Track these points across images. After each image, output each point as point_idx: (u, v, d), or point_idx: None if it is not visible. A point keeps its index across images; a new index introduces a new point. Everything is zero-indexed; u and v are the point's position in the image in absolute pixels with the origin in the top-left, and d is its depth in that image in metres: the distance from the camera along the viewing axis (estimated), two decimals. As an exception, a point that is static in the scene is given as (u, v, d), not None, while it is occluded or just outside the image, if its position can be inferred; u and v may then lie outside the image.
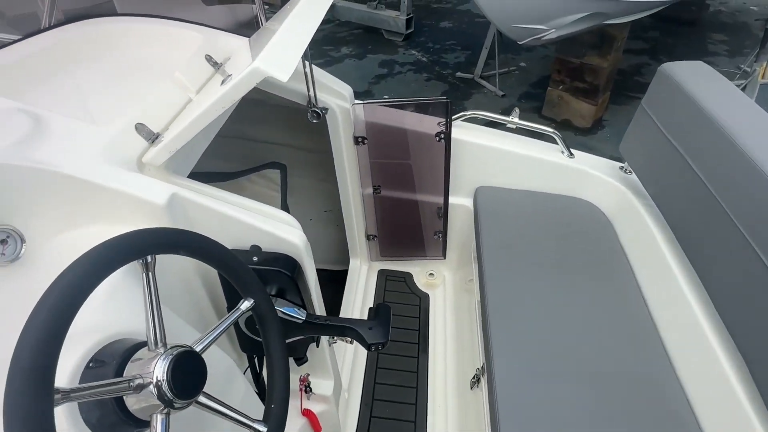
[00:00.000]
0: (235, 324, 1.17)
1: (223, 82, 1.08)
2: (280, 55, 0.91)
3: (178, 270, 1.07)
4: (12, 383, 0.51)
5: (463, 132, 1.85)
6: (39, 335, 0.54)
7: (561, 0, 3.11)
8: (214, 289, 1.17)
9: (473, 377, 1.60)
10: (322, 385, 1.45)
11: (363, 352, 1.91)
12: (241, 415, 0.80)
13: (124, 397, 0.70)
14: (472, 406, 1.66)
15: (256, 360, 1.31)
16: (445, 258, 2.21)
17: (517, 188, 1.90)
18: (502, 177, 1.91)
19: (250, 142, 2.13)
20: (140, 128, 1.09)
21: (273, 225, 1.10)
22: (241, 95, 0.96)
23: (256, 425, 0.80)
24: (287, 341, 1.18)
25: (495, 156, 1.86)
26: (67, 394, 0.55)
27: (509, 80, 5.34)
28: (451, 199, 1.98)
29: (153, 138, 1.10)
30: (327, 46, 6.15)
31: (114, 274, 0.84)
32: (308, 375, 1.42)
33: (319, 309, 1.28)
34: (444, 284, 2.25)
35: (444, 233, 2.10)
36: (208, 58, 1.40)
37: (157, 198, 0.97)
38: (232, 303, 0.98)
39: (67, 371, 0.68)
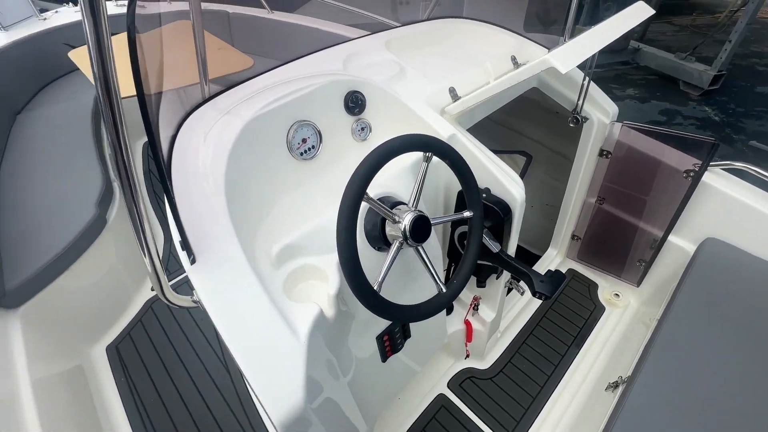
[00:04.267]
0: (451, 236, 1.34)
1: (515, 68, 1.18)
2: (567, 55, 0.95)
3: (436, 176, 1.28)
4: (347, 190, 0.79)
5: (716, 179, 1.47)
6: (368, 164, 0.80)
7: None
8: (450, 196, 1.34)
9: (613, 381, 1.39)
10: (486, 312, 1.52)
11: (528, 313, 1.86)
12: (436, 274, 0.97)
13: (386, 224, 0.95)
14: (598, 402, 1.46)
15: (452, 268, 1.48)
16: (637, 287, 1.87)
17: (758, 255, 1.42)
18: (743, 237, 1.45)
19: (511, 131, 2.20)
20: (451, 90, 1.32)
21: (505, 177, 1.19)
22: (526, 77, 1.04)
23: (440, 284, 0.96)
24: (478, 261, 1.29)
25: (745, 214, 1.42)
26: (368, 198, 0.82)
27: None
28: (671, 236, 1.63)
29: (456, 98, 1.31)
30: (613, 84, 5.41)
31: (405, 166, 1.09)
32: (480, 298, 1.51)
33: (510, 253, 1.33)
34: (626, 309, 1.92)
35: (649, 265, 1.77)
36: (513, 58, 1.52)
37: (444, 132, 1.19)
38: (463, 208, 1.13)
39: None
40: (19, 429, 1.12)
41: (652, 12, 1.25)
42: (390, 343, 1.19)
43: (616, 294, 1.96)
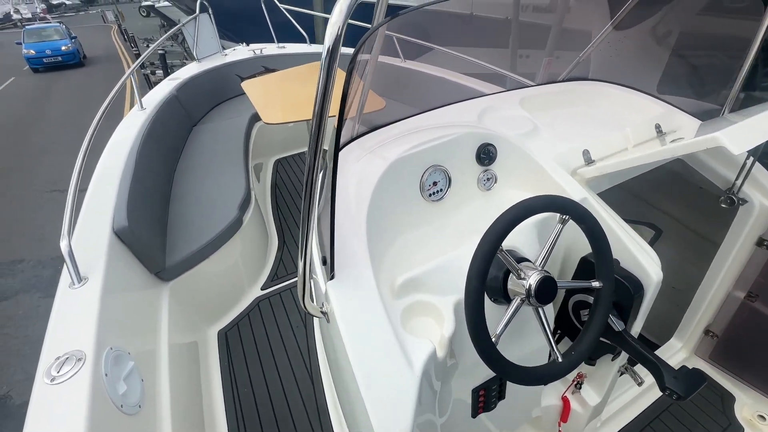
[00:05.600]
0: (564, 303, 1.26)
1: (672, 141, 1.12)
2: (744, 134, 0.88)
3: (560, 239, 1.23)
4: (484, 240, 0.82)
5: None
6: (508, 218, 0.83)
7: None
8: (570, 261, 1.27)
9: None
10: (589, 393, 1.37)
11: (639, 407, 1.61)
12: (554, 340, 0.92)
13: (509, 278, 0.95)
14: None
15: (557, 336, 1.37)
16: (796, 413, 1.50)
17: None
18: None
19: (638, 199, 2.02)
20: (585, 153, 1.29)
21: (639, 252, 1.10)
22: (686, 152, 0.98)
23: (558, 352, 0.91)
24: (596, 336, 1.19)
25: None
26: (501, 250, 0.84)
27: None
28: None
29: (589, 162, 1.28)
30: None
31: (530, 223, 1.08)
32: (585, 376, 1.37)
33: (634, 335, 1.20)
34: (773, 438, 1.54)
35: (815, 390, 1.42)
36: (657, 126, 1.43)
37: (575, 195, 1.16)
38: (584, 276, 1.06)
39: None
40: (154, 376, 1.34)
41: None
42: (484, 400, 1.15)
43: (761, 416, 1.59)
